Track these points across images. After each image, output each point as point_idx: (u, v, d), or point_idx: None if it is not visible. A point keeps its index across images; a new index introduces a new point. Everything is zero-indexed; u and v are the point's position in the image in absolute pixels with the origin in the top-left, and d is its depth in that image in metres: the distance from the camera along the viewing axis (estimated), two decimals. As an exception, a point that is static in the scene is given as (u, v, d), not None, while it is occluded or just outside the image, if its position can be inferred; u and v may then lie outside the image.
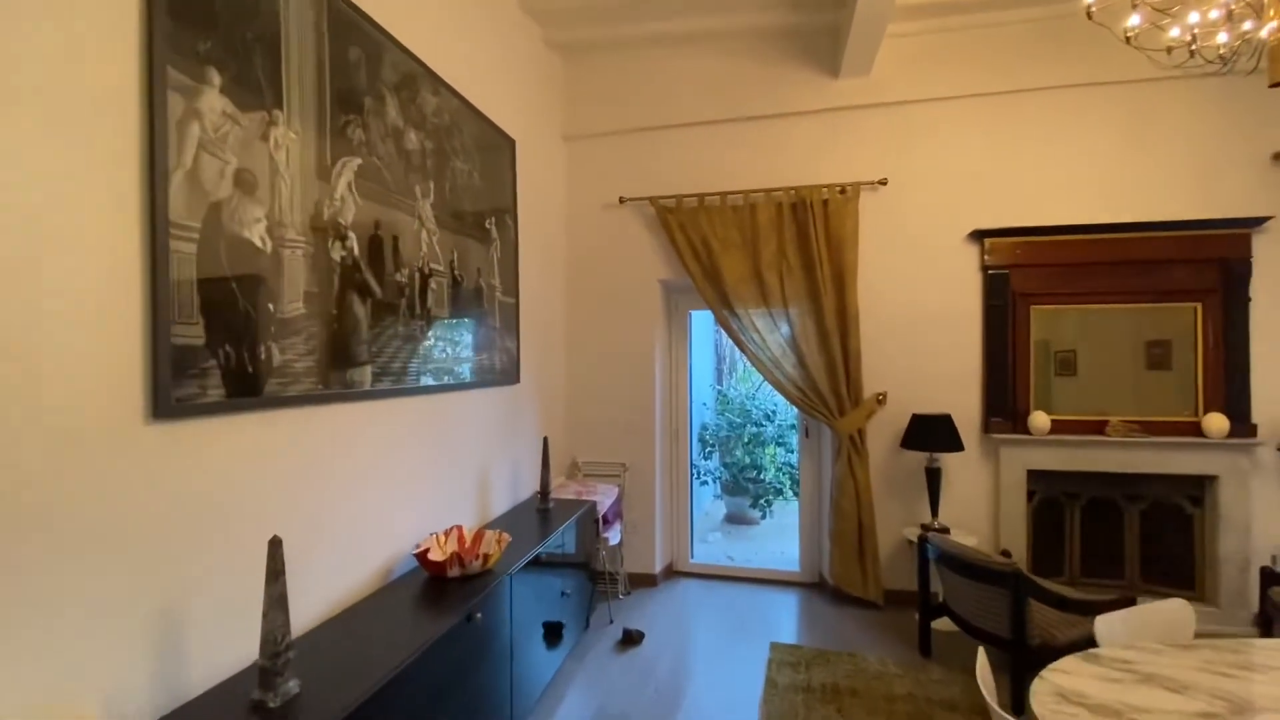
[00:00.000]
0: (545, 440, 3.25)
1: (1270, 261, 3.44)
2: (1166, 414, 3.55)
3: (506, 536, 2.41)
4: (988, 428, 3.71)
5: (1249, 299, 3.44)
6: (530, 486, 3.55)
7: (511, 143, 3.37)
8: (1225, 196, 3.50)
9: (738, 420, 5.76)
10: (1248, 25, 2.04)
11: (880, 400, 3.80)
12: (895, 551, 3.84)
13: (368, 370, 2.15)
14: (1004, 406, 3.69)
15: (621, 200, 4.10)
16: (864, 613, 3.70)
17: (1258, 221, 3.41)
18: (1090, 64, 3.60)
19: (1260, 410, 3.43)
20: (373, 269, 2.19)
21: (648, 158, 4.15)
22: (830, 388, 3.80)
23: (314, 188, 1.93)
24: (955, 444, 3.53)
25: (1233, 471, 3.41)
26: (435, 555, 2.25)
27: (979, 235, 3.71)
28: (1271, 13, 1.95)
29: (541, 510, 3.19)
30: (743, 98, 4.00)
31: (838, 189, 3.80)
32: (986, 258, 3.72)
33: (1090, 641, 2.80)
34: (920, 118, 3.82)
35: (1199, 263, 3.50)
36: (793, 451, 5.68)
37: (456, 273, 2.77)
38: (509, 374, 3.30)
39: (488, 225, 3.09)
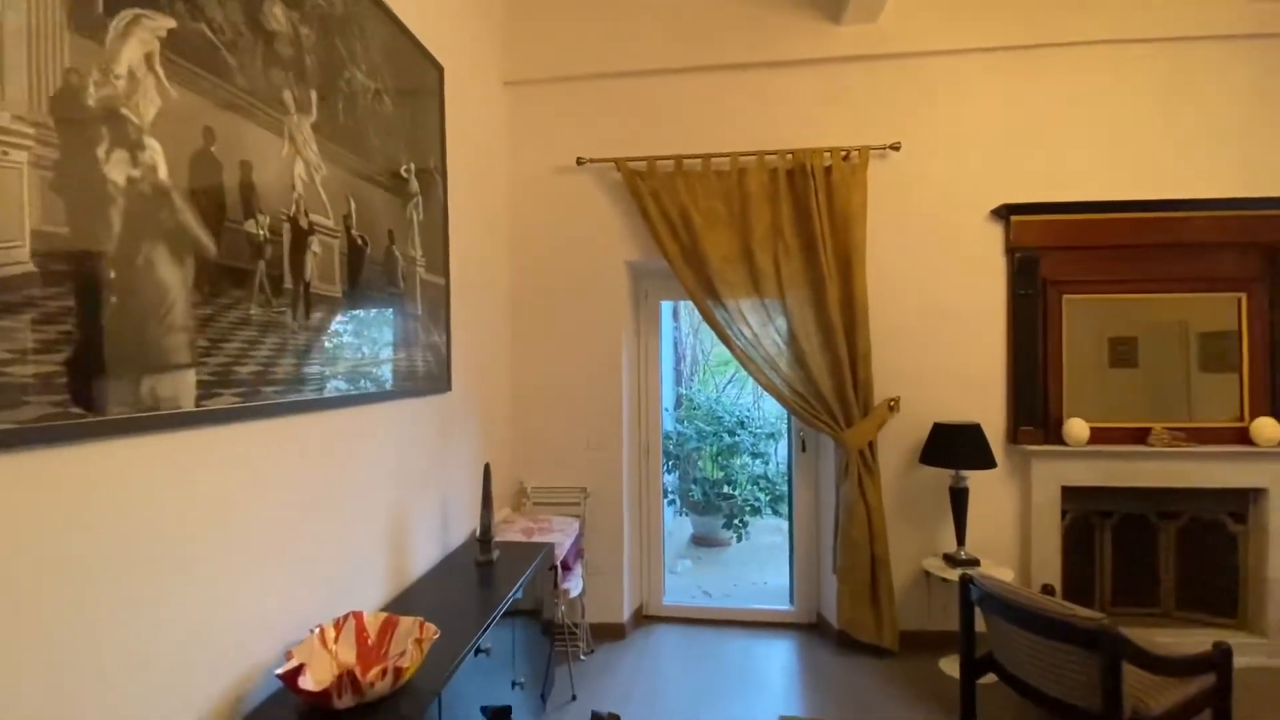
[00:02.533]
0: (487, 468, 2.42)
1: (1317, 247, 3.06)
2: (1209, 419, 3.11)
3: (432, 628, 1.58)
4: (1016, 438, 3.17)
5: (1297, 288, 3.05)
6: (465, 527, 2.70)
7: (439, 71, 2.52)
8: (1270, 173, 3.10)
9: (707, 428, 5.07)
10: None
11: (893, 407, 3.19)
12: (909, 585, 3.24)
13: (189, 378, 1.28)
14: (1035, 413, 3.16)
15: (580, 162, 3.30)
16: (877, 662, 3.08)
17: (1306, 201, 3.03)
18: (1124, 17, 3.12)
19: (1308, 414, 3.04)
20: (199, 207, 1.31)
21: (612, 111, 3.37)
22: (835, 393, 3.15)
23: (63, 44, 1.05)
24: (986, 459, 2.96)
25: (1284, 484, 3.00)
26: (313, 679, 1.39)
27: (1004, 211, 3.16)
28: None
29: (483, 563, 2.35)
30: (727, 41, 3.29)
31: (842, 154, 3.16)
32: (1013, 238, 3.17)
33: (1189, 707, 2.29)
34: (936, 73, 3.24)
35: (1243, 247, 3.09)
36: (769, 463, 5.06)
37: (355, 233, 1.90)
38: (436, 379, 2.44)
39: (405, 174, 2.23)
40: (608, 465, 3.35)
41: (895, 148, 3.20)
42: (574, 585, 2.86)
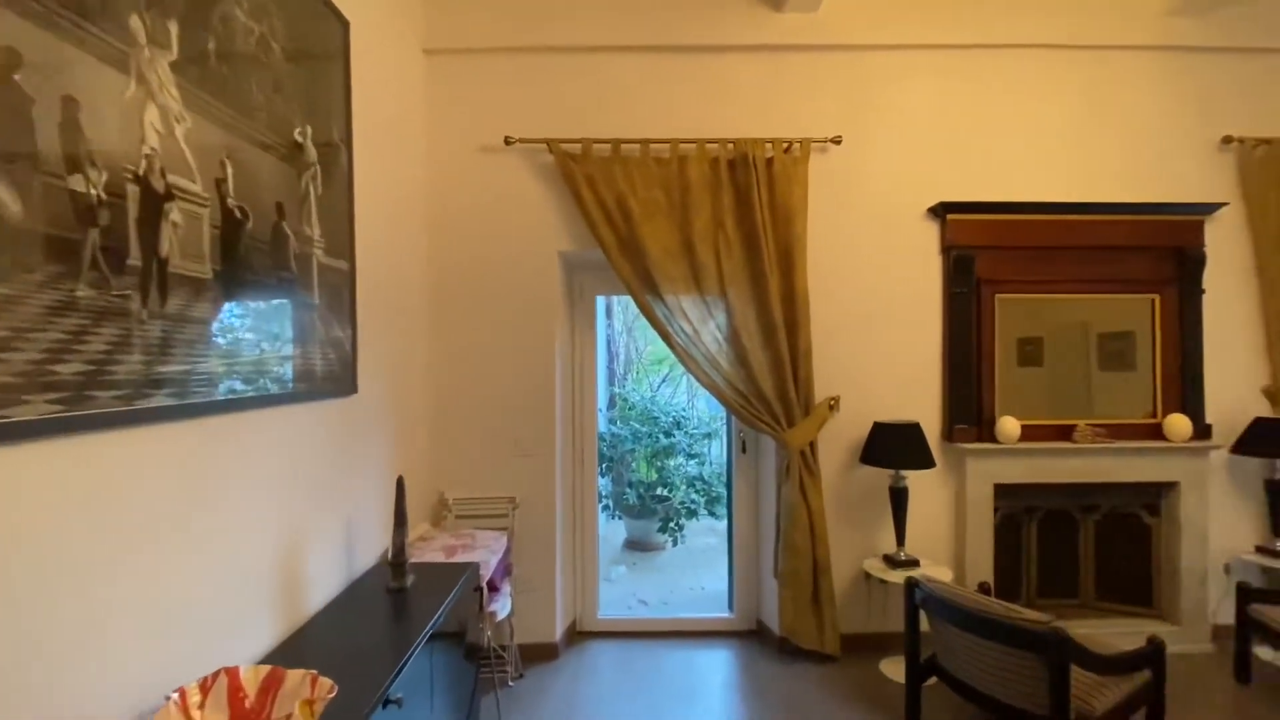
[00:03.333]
0: (400, 481, 2.12)
1: (1219, 251, 3.23)
2: (1126, 416, 3.23)
3: (325, 684, 1.29)
4: (951, 436, 3.17)
5: (1203, 291, 3.21)
6: (375, 549, 2.39)
7: (343, 25, 2.19)
8: (1177, 179, 3.25)
9: (642, 429, 4.89)
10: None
11: (833, 406, 3.12)
12: (849, 586, 3.19)
13: (-27, 380, 0.95)
14: (969, 412, 3.17)
15: (508, 141, 3.03)
16: (820, 669, 2.99)
17: (1211, 207, 3.19)
18: (1049, 23, 3.18)
19: (1210, 410, 3.20)
20: (-10, 151, 0.98)
21: (543, 88, 3.12)
22: (777, 392, 3.04)
23: None
24: (926, 459, 2.93)
25: (1193, 477, 3.15)
26: (159, 766, 1.09)
27: (941, 210, 3.16)
28: None
29: (395, 591, 2.06)
30: (667, 21, 3.11)
31: (784, 145, 3.05)
32: (949, 236, 3.17)
33: (1128, 704, 2.31)
34: (875, 68, 3.19)
35: (1157, 250, 3.22)
36: (704, 464, 4.94)
37: (233, 203, 1.57)
38: (339, 380, 2.12)
39: (300, 139, 1.90)
40: (539, 472, 3.09)
41: (836, 141, 3.13)
42: (501, 607, 2.59)
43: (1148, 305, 3.23)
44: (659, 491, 4.72)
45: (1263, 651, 2.91)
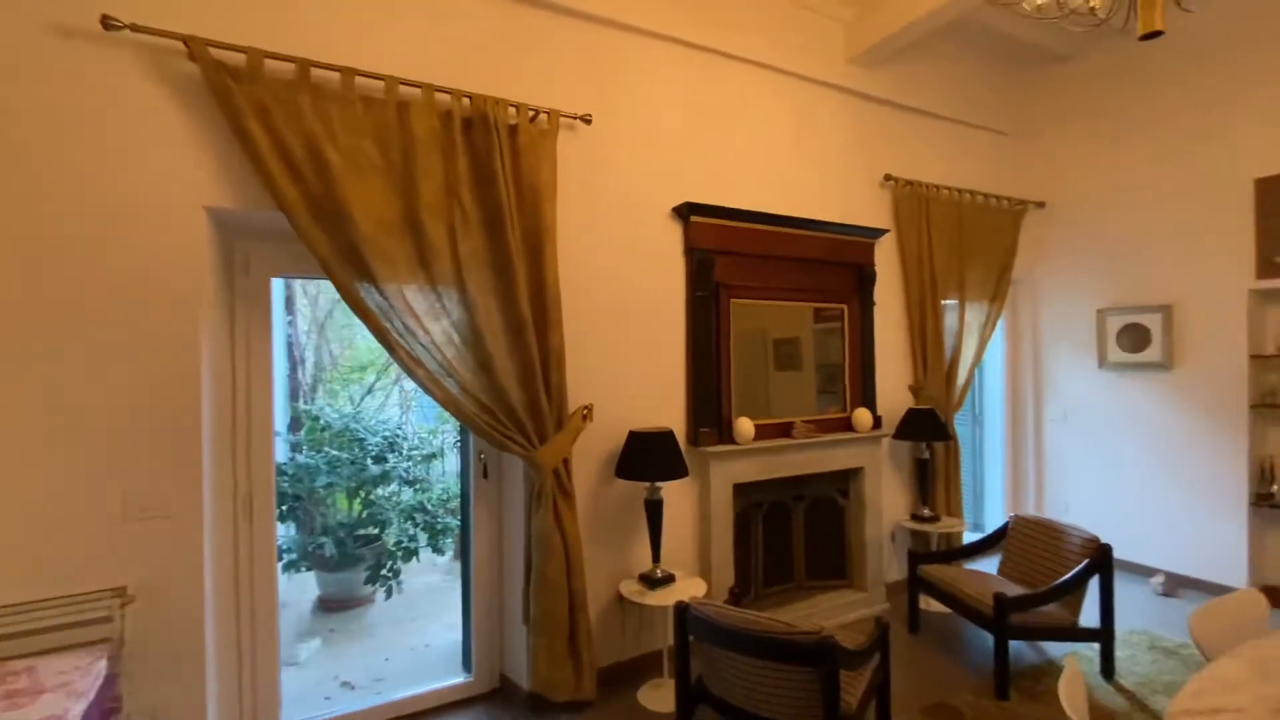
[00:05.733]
0: None
1: (885, 270, 3.84)
2: (816, 412, 3.59)
3: None
4: (696, 440, 3.11)
5: (874, 303, 3.77)
6: None
7: None
8: (856, 205, 3.77)
9: (343, 456, 3.84)
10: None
11: (586, 416, 2.78)
12: (603, 613, 2.88)
13: None
14: (711, 415, 3.15)
15: (108, 25, 1.92)
16: (577, 718, 2.60)
17: (878, 233, 3.77)
18: (768, 46, 3.39)
19: (880, 404, 3.79)
20: None
21: (180, -39, 2.08)
22: (527, 404, 2.56)
23: None
24: (680, 468, 2.78)
25: (872, 462, 3.66)
26: None
27: (685, 210, 3.08)
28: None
29: None
30: (381, -78, 2.38)
31: (530, 113, 2.61)
32: (691, 238, 3.12)
33: (870, 691, 2.42)
34: (629, 51, 2.99)
35: (844, 266, 3.67)
36: (426, 490, 4.12)
37: None
38: None
39: None
40: (174, 540, 2.02)
41: (586, 120, 2.80)
42: (95, 784, 1.55)
43: (840, 313, 3.67)
44: (366, 531, 3.78)
45: (927, 602, 3.51)
